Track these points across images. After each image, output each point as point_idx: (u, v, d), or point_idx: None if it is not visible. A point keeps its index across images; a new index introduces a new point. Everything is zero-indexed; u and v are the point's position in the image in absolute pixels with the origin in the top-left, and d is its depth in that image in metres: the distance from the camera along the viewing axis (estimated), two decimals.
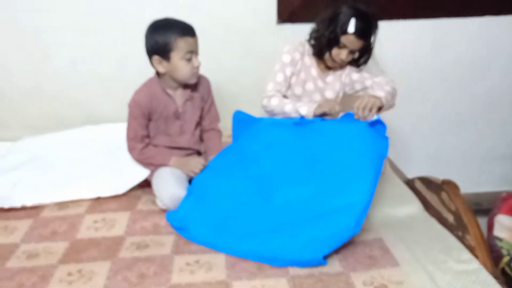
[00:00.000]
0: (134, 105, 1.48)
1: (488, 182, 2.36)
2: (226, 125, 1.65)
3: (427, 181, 1.49)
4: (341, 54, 1.51)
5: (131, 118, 1.49)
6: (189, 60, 1.42)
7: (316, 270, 1.12)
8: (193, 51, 1.42)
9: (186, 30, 1.40)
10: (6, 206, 1.42)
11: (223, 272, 1.12)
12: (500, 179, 2.37)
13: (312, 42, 1.59)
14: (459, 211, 1.28)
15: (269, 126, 1.47)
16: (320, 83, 1.64)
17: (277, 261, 1.15)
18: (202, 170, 1.49)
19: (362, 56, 1.59)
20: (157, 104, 1.48)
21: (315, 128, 1.38)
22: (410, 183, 1.58)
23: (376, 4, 1.95)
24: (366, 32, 1.48)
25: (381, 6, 1.98)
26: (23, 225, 1.35)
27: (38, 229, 1.33)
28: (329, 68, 1.63)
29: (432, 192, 1.44)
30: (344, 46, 1.50)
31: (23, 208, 1.43)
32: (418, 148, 2.29)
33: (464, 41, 2.10)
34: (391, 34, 2.05)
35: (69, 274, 1.12)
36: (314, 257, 1.13)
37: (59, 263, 1.17)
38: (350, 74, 1.63)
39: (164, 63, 1.42)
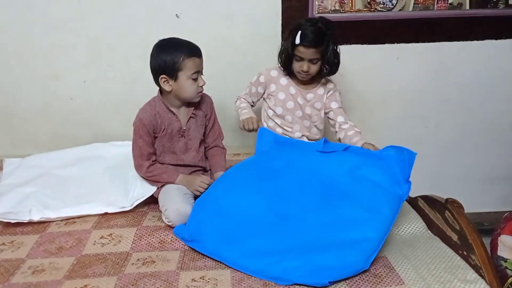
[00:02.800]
0: (138, 123, 1.50)
1: (489, 203, 2.36)
2: (230, 143, 1.67)
3: (430, 200, 1.50)
4: (301, 66, 1.60)
5: (137, 137, 1.51)
6: (195, 80, 1.46)
7: None
8: (199, 71, 1.47)
9: (194, 51, 1.45)
10: (13, 221, 1.42)
11: None
12: (501, 200, 2.37)
13: (279, 61, 1.69)
14: (464, 230, 1.28)
15: (292, 146, 1.51)
16: (300, 100, 1.72)
17: (283, 281, 1.14)
18: (209, 187, 1.49)
19: (328, 65, 1.65)
20: (161, 121, 1.51)
21: (338, 157, 1.41)
22: (412, 202, 1.59)
23: (378, 28, 2.03)
24: (313, 40, 1.55)
25: (383, 30, 2.04)
26: (29, 240, 1.36)
27: (44, 245, 1.33)
28: (308, 85, 1.72)
29: (436, 211, 1.44)
30: (301, 58, 1.59)
31: (30, 223, 1.44)
32: (419, 169, 2.26)
33: (465, 64, 2.13)
34: (393, 57, 2.10)
35: None
36: (320, 282, 1.12)
37: (65, 279, 1.17)
38: (331, 102, 1.73)
39: (171, 82, 1.46)
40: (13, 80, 2.00)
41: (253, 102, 1.82)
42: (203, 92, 1.53)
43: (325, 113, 1.76)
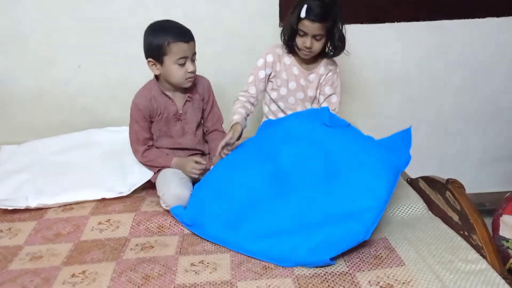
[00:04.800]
0: (134, 108, 1.49)
1: (490, 183, 2.35)
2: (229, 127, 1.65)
3: (431, 181, 1.49)
4: (304, 42, 1.54)
5: (133, 122, 1.50)
6: (182, 65, 1.42)
7: (321, 270, 1.11)
8: (187, 57, 1.41)
9: (180, 35, 1.40)
10: (10, 207, 1.42)
11: (228, 272, 1.12)
12: (502, 180, 2.36)
13: (282, 37, 1.62)
14: (465, 211, 1.27)
15: (295, 119, 1.48)
16: (302, 81, 1.67)
17: (285, 262, 1.14)
18: (209, 170, 1.47)
19: (332, 44, 1.61)
20: (157, 106, 1.49)
21: (338, 131, 1.39)
22: (413, 183, 1.58)
23: (377, 7, 1.98)
24: (319, 14, 1.48)
25: (383, 9, 2.00)
26: (27, 227, 1.35)
27: (42, 231, 1.33)
28: (310, 64, 1.66)
29: (437, 191, 1.43)
30: (304, 33, 1.52)
31: (27, 210, 1.43)
32: (420, 149, 2.27)
33: (466, 43, 2.10)
34: (393, 36, 2.06)
35: (73, 275, 1.12)
36: (321, 259, 1.12)
37: (62, 265, 1.17)
38: (326, 85, 1.67)
39: (158, 66, 1.43)
40: (7, 67, 1.97)
41: (258, 94, 1.67)
42: (195, 76, 1.48)
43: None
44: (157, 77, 1.50)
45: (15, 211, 1.43)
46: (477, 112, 2.23)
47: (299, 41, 1.56)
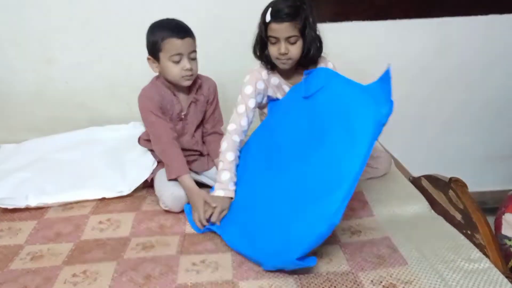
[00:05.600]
0: (145, 101, 1.43)
1: (492, 181, 2.35)
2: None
3: (433, 179, 1.48)
4: (278, 48, 1.37)
5: (147, 115, 1.42)
6: (177, 62, 1.39)
7: (323, 270, 1.11)
8: (182, 54, 1.38)
9: (175, 32, 1.37)
10: (10, 207, 1.41)
11: (229, 272, 1.11)
12: (504, 178, 2.36)
13: (258, 57, 1.47)
14: (467, 210, 1.26)
15: (280, 106, 1.45)
16: None
17: (264, 265, 1.12)
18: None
19: (308, 49, 1.40)
20: (165, 103, 1.47)
21: (316, 100, 1.30)
22: (416, 182, 1.57)
23: (380, 4, 1.97)
24: (286, 12, 1.32)
25: (385, 6, 1.99)
26: (27, 227, 1.34)
27: (42, 231, 1.32)
28: (296, 78, 1.50)
29: (439, 190, 1.42)
30: (276, 39, 1.36)
31: (28, 209, 1.42)
32: (422, 148, 2.28)
33: (468, 40, 2.09)
34: (395, 33, 2.05)
35: (74, 275, 1.11)
36: (288, 261, 1.05)
37: (63, 265, 1.16)
38: None
39: (156, 63, 1.43)
40: (6, 65, 1.97)
41: (249, 124, 1.49)
42: (193, 74, 1.44)
43: None
44: (159, 77, 1.49)
45: (15, 210, 1.42)
46: (480, 110, 2.22)
47: (273, 50, 1.39)
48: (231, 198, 1.36)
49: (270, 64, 1.46)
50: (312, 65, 1.45)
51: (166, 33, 1.37)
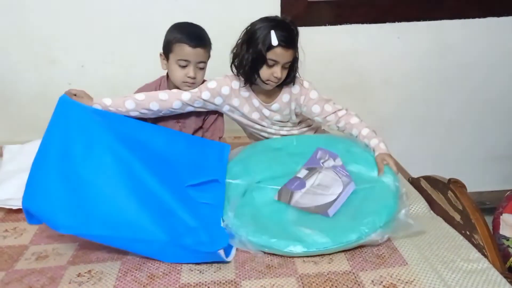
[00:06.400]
0: (141, 86, 1.51)
1: (491, 181, 2.37)
2: (228, 126, 1.64)
3: (432, 180, 1.50)
4: (274, 71, 1.37)
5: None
6: (183, 67, 1.42)
7: (325, 270, 1.12)
8: (189, 61, 1.40)
9: (188, 39, 1.39)
10: (14, 207, 1.42)
11: (232, 271, 1.13)
12: (503, 178, 2.38)
13: (238, 71, 1.44)
14: (466, 210, 1.28)
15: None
16: (265, 112, 1.53)
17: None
18: None
19: (291, 69, 1.43)
20: None
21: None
22: (415, 182, 1.59)
23: (379, 7, 1.99)
24: (291, 39, 1.35)
25: (385, 9, 2.00)
26: (32, 227, 1.35)
27: (47, 231, 1.33)
28: (269, 95, 1.50)
29: (438, 191, 1.44)
30: (275, 62, 1.36)
31: None
32: (421, 148, 2.30)
33: (467, 42, 2.11)
34: (395, 36, 2.07)
35: (79, 275, 1.12)
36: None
37: (68, 264, 1.17)
38: (309, 106, 1.49)
39: (165, 61, 1.46)
40: (10, 66, 1.98)
41: (183, 106, 1.45)
42: (195, 83, 1.45)
43: (311, 118, 1.57)
44: (168, 76, 1.52)
45: (19, 210, 1.42)
46: (478, 111, 2.24)
47: (266, 72, 1.38)
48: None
49: (250, 81, 1.44)
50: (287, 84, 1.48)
51: (180, 36, 1.39)
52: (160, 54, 1.47)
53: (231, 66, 1.46)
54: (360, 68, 2.10)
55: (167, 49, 1.43)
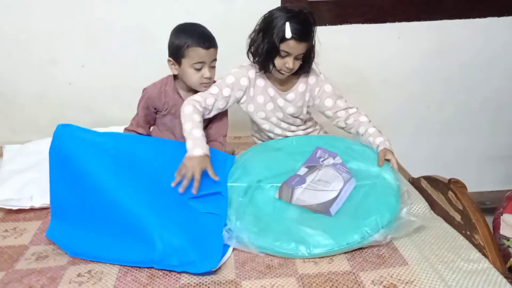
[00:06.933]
0: (142, 94, 1.52)
1: (491, 181, 2.37)
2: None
3: (433, 180, 1.49)
4: (286, 62, 1.40)
5: (140, 107, 1.54)
6: (199, 69, 1.43)
7: (325, 270, 1.12)
8: (204, 62, 1.42)
9: (200, 41, 1.39)
10: (15, 207, 1.42)
11: (232, 271, 1.13)
12: (503, 178, 2.38)
13: (254, 59, 1.47)
14: (467, 210, 1.28)
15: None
16: (280, 102, 1.54)
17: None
18: None
19: (307, 60, 1.46)
20: (165, 100, 1.51)
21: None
22: (415, 182, 1.59)
23: (379, 7, 1.99)
24: (305, 33, 1.37)
25: (385, 9, 2.00)
26: (32, 227, 1.36)
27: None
28: (286, 84, 1.52)
29: (439, 191, 1.44)
30: (287, 54, 1.39)
31: (32, 210, 1.44)
32: (421, 148, 2.30)
33: (467, 42, 2.11)
34: (395, 36, 2.07)
35: (79, 275, 1.13)
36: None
37: (68, 264, 1.17)
38: (323, 98, 1.53)
39: (176, 66, 1.45)
40: (10, 66, 1.98)
41: (212, 109, 1.48)
42: (211, 82, 1.47)
43: (321, 111, 1.58)
44: (175, 76, 1.52)
45: (19, 211, 1.43)
46: (478, 111, 2.24)
47: (279, 62, 1.41)
48: (208, 155, 1.31)
49: (264, 69, 1.47)
50: (305, 73, 1.51)
51: (192, 40, 1.39)
52: (169, 60, 1.45)
53: (247, 53, 1.48)
54: (360, 68, 2.10)
55: (178, 55, 1.41)
